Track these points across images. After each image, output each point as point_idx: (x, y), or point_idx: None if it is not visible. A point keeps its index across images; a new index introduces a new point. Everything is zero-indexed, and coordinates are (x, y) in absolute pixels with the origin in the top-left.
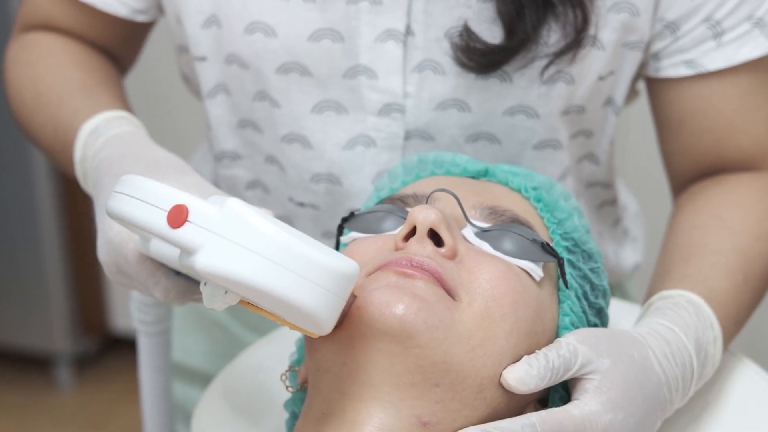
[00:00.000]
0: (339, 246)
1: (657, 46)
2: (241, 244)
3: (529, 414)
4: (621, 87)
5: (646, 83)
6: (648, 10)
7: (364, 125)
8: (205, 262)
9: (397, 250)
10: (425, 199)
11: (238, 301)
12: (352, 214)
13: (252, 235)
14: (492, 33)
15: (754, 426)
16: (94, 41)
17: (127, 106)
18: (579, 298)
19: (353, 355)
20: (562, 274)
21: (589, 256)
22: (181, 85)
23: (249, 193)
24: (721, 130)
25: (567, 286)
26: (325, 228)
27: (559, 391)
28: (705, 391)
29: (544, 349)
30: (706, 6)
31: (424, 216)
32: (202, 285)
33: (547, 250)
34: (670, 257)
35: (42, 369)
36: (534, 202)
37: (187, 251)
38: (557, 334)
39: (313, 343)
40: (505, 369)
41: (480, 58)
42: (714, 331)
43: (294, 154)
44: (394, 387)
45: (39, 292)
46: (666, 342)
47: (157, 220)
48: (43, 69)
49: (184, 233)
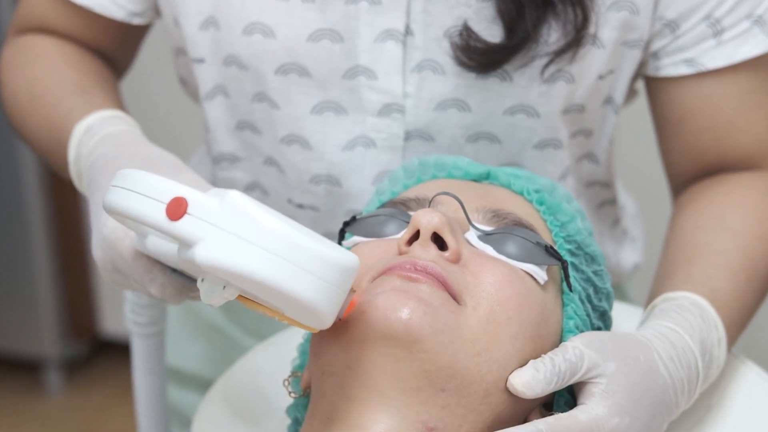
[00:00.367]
0: None
1: (657, 45)
2: (242, 236)
3: (536, 421)
4: (620, 86)
5: (645, 82)
6: (648, 8)
7: (363, 126)
8: (205, 254)
9: (401, 254)
10: (428, 203)
11: (237, 297)
12: (354, 218)
13: (252, 228)
14: (492, 32)
15: (758, 428)
16: (90, 44)
17: (122, 106)
18: (583, 301)
19: (358, 359)
20: (566, 277)
21: (592, 258)
22: (177, 89)
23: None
24: (721, 129)
25: (571, 289)
26: (325, 230)
27: (565, 395)
28: (708, 393)
29: (550, 353)
30: (705, 4)
31: (427, 219)
32: (200, 281)
33: (551, 253)
34: (672, 258)
35: (31, 373)
36: (537, 205)
37: (186, 244)
38: (561, 337)
39: (317, 347)
40: (511, 373)
41: (480, 58)
42: (718, 332)
43: (293, 156)
44: (400, 392)
45: (27, 296)
46: (671, 344)
47: (156, 213)
48: (39, 70)
49: (183, 225)
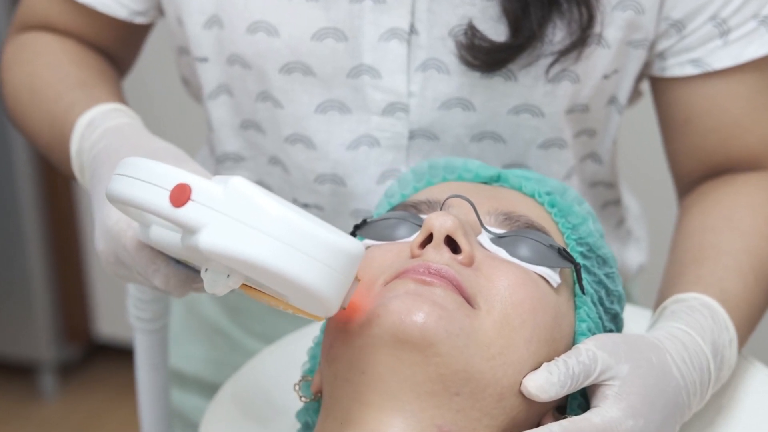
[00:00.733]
0: None
1: (662, 45)
2: (246, 222)
3: (550, 424)
4: (625, 86)
5: (650, 83)
6: (653, 8)
7: (368, 125)
8: (209, 240)
9: (413, 257)
10: (439, 206)
11: (240, 286)
12: (364, 221)
13: (257, 214)
14: (497, 31)
15: None
16: (93, 42)
17: (124, 101)
18: (595, 304)
19: (373, 363)
20: (579, 280)
21: (603, 261)
22: (178, 90)
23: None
24: (728, 130)
25: (584, 292)
26: None
27: (578, 398)
28: (719, 395)
29: (563, 356)
30: (712, 4)
31: (440, 222)
32: (203, 271)
33: (563, 255)
34: (681, 259)
35: (25, 377)
36: (548, 208)
37: (190, 231)
38: (574, 340)
39: (330, 352)
40: (525, 377)
41: (485, 57)
42: (729, 333)
43: (298, 155)
44: (415, 396)
45: (22, 299)
46: (683, 346)
47: (159, 199)
48: (40, 67)
49: (187, 212)
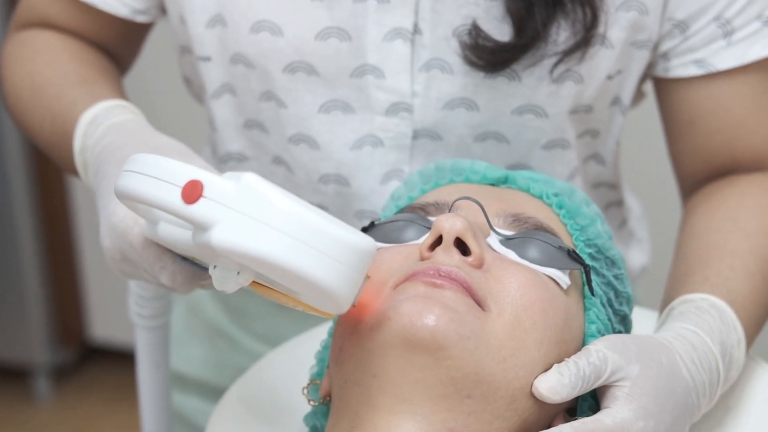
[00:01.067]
0: None
1: (666, 46)
2: (259, 218)
3: (561, 426)
4: (628, 86)
5: (654, 84)
6: (657, 9)
7: (371, 125)
8: (222, 237)
9: (423, 259)
10: (447, 208)
11: (251, 283)
12: (372, 224)
13: (269, 210)
14: (501, 31)
15: None
16: (93, 40)
17: (125, 98)
18: (604, 306)
19: (384, 367)
20: (588, 282)
21: (612, 262)
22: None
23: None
24: (732, 130)
25: (593, 294)
26: None
27: (588, 399)
28: (726, 396)
29: (574, 357)
30: (715, 5)
31: (450, 224)
32: (212, 268)
33: (573, 257)
34: (687, 260)
35: (19, 381)
36: (556, 209)
37: (202, 227)
38: (584, 342)
39: (340, 355)
40: (536, 378)
41: (489, 56)
42: (737, 334)
43: (301, 155)
44: (426, 399)
45: (16, 302)
46: (692, 347)
47: (171, 196)
48: (41, 64)
49: (199, 209)
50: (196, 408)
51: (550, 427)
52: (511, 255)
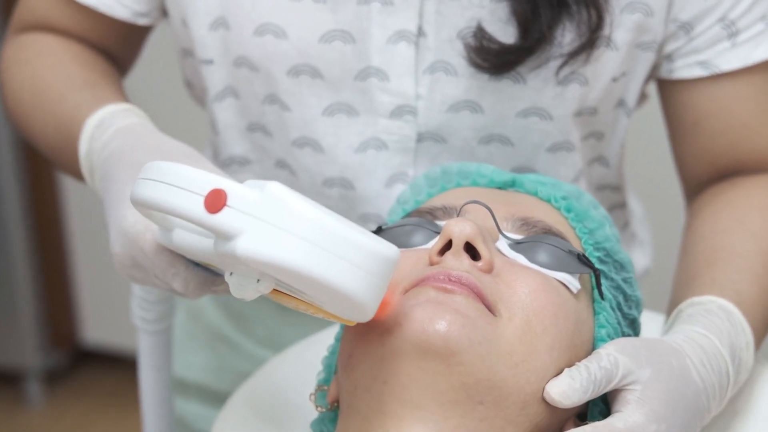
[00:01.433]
0: None
1: (670, 47)
2: (284, 228)
3: (572, 430)
4: (633, 88)
5: (657, 85)
6: (662, 10)
7: (375, 128)
8: (247, 247)
9: (432, 264)
10: (456, 212)
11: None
12: (380, 228)
13: (295, 219)
14: (506, 33)
15: None
16: (93, 43)
17: (128, 101)
18: (613, 309)
19: (395, 373)
20: (598, 286)
21: (621, 265)
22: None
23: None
24: (737, 132)
25: (603, 298)
26: None
27: (599, 404)
28: (734, 398)
29: (585, 361)
30: (720, 6)
31: (459, 229)
32: (228, 275)
33: (583, 261)
34: (694, 262)
35: (11, 384)
36: (564, 212)
37: (226, 237)
38: (593, 346)
39: (349, 361)
40: (547, 383)
41: (494, 59)
42: (746, 336)
43: (305, 159)
44: (438, 406)
45: (7, 306)
46: (702, 349)
47: (193, 205)
48: (42, 67)
49: (223, 218)
50: (197, 413)
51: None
52: (520, 259)
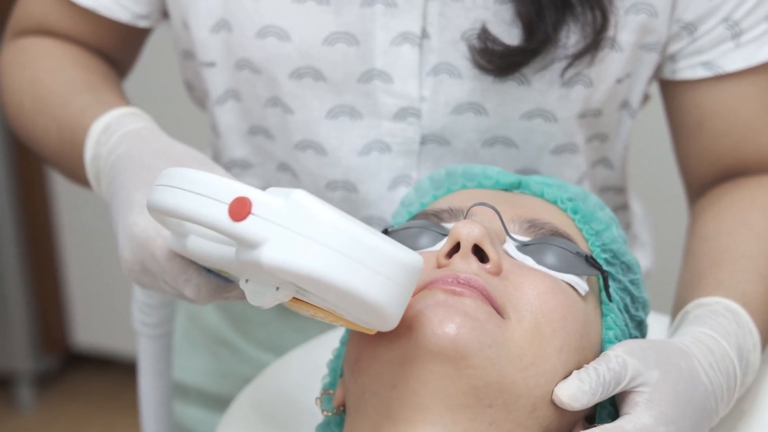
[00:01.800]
0: None
1: (674, 48)
2: (310, 236)
3: None
4: (637, 90)
5: (660, 85)
6: (665, 11)
7: (378, 130)
8: (272, 255)
9: (440, 267)
10: (462, 214)
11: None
12: (386, 231)
13: (321, 228)
14: (510, 35)
15: None
16: (93, 46)
17: (129, 105)
18: (621, 311)
19: (404, 377)
20: (606, 288)
21: (628, 267)
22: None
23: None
24: (740, 133)
25: (610, 300)
26: None
27: (607, 407)
28: (740, 400)
29: (593, 363)
30: (724, 6)
31: (467, 231)
32: (243, 282)
33: (590, 263)
34: (699, 264)
35: (2, 388)
36: (571, 214)
37: (250, 245)
38: (601, 348)
39: (357, 365)
40: (556, 386)
41: (499, 60)
42: (753, 337)
43: (308, 162)
44: (447, 409)
45: None
46: (709, 351)
47: (217, 213)
48: (43, 71)
49: (248, 226)
50: (197, 418)
51: None
52: (528, 261)
